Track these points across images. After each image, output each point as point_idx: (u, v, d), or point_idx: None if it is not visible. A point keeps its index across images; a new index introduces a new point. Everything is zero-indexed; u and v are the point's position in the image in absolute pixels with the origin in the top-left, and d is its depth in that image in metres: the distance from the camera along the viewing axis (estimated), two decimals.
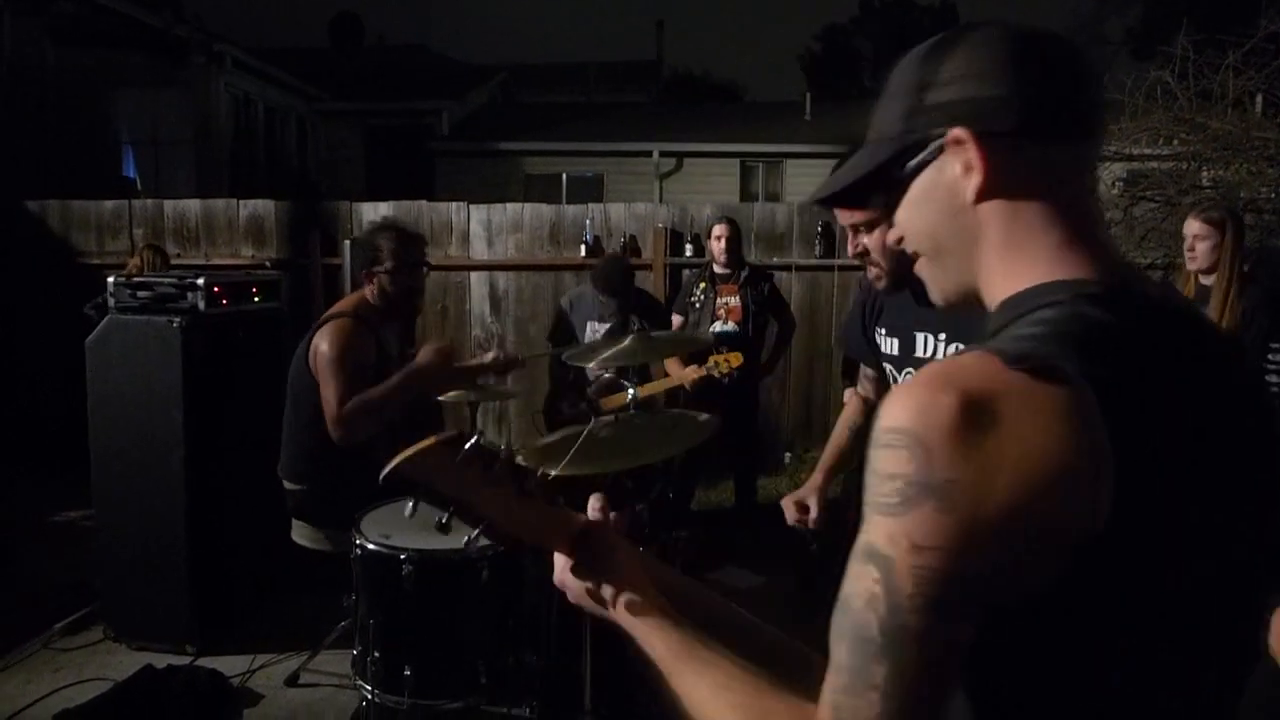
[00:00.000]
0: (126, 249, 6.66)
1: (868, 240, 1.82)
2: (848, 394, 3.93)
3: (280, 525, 3.16)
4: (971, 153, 0.79)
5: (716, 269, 4.95)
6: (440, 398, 3.36)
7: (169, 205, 6.89)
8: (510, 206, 6.86)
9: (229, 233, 6.84)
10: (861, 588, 0.67)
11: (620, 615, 0.93)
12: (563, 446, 1.72)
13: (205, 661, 3.35)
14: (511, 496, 0.90)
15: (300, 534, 3.11)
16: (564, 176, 14.15)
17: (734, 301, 4.84)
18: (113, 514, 3.52)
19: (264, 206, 6.85)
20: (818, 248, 6.63)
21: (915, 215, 0.85)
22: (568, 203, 7.26)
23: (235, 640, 3.50)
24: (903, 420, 0.67)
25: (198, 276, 3.51)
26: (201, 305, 3.46)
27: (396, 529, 2.54)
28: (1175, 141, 6.41)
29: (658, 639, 0.88)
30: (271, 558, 3.59)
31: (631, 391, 3.15)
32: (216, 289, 3.53)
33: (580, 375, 4.49)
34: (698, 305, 4.89)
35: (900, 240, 0.89)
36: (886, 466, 0.67)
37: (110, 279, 3.54)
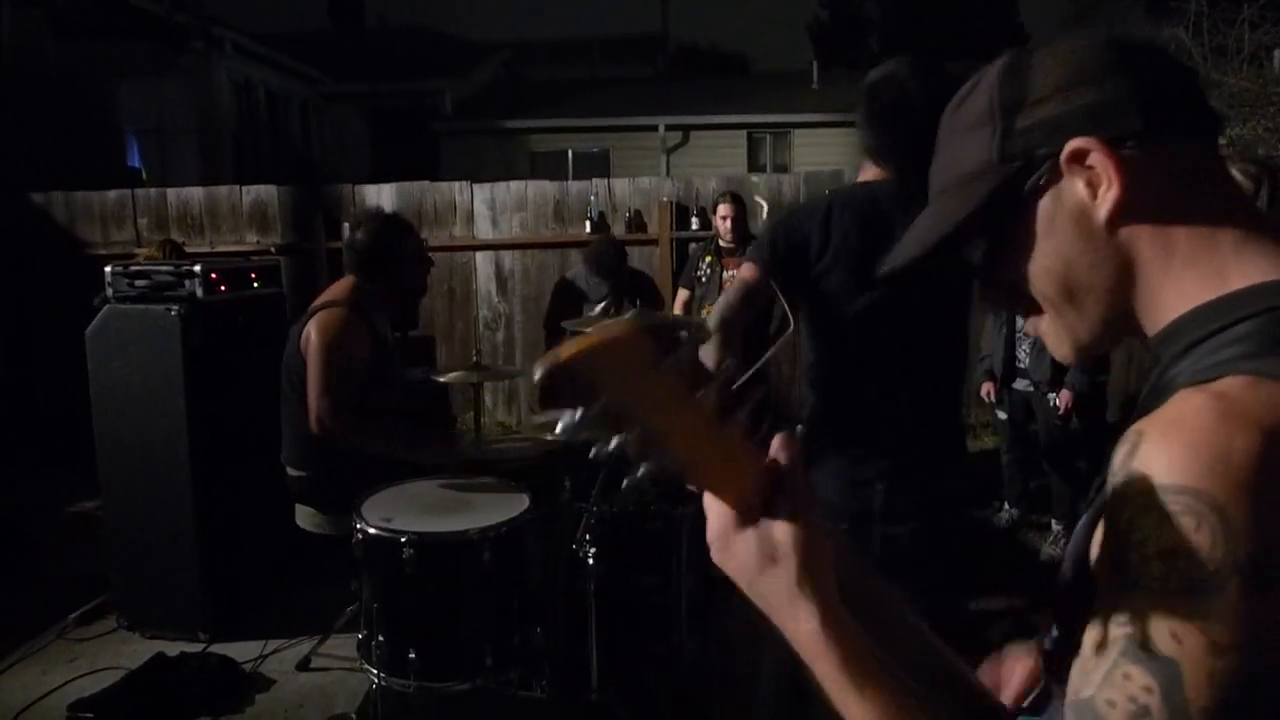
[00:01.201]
0: (132, 239, 6.67)
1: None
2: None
3: (288, 512, 3.16)
4: (1101, 162, 0.66)
5: (722, 243, 4.90)
6: (442, 378, 3.34)
7: (172, 194, 6.88)
8: (514, 184, 6.81)
9: (233, 219, 6.82)
10: (1122, 695, 0.53)
11: (797, 629, 0.69)
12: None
13: (217, 648, 3.36)
14: (710, 423, 0.63)
15: (304, 519, 3.10)
16: (569, 153, 14.07)
17: None
18: (121, 505, 3.52)
19: (267, 192, 6.83)
20: None
21: (1036, 255, 0.71)
22: (574, 179, 7.19)
23: (247, 627, 3.51)
24: (1182, 476, 0.52)
25: (195, 264, 3.49)
26: (200, 293, 3.44)
27: (398, 512, 2.52)
28: None
29: (831, 647, 0.67)
30: (281, 544, 3.59)
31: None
32: (214, 276, 3.50)
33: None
34: (704, 279, 4.85)
35: (1020, 288, 0.74)
36: (1164, 540, 0.52)
37: (107, 269, 3.52)
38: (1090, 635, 0.56)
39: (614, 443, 0.59)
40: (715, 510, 0.71)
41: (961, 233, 0.73)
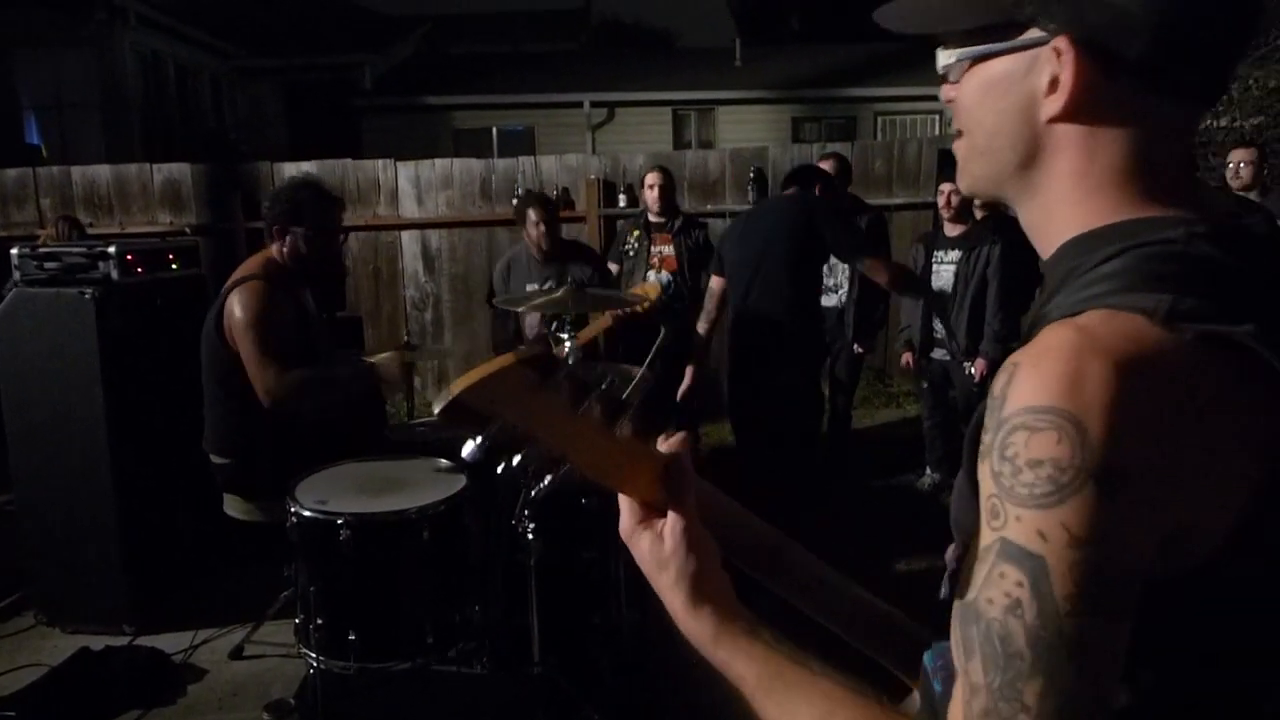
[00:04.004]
0: (34, 219, 6.37)
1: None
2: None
3: (214, 498, 3.09)
4: (1070, 71, 0.67)
5: (651, 218, 4.91)
6: (371, 359, 3.30)
7: (77, 172, 6.58)
8: (439, 162, 6.70)
9: (144, 199, 6.56)
10: (997, 591, 0.59)
11: (687, 620, 0.78)
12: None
13: (145, 641, 3.27)
14: (599, 431, 0.72)
15: (233, 507, 3.03)
16: (494, 130, 13.89)
17: (668, 250, 4.82)
18: (35, 496, 3.39)
19: (180, 170, 6.58)
20: (751, 194, 6.63)
21: (980, 100, 0.74)
22: (499, 157, 7.12)
23: (175, 617, 3.42)
24: (1045, 397, 0.58)
25: (109, 245, 3.35)
26: (115, 275, 3.31)
27: (332, 494, 2.49)
28: None
29: (741, 659, 0.75)
30: (207, 531, 3.51)
31: (569, 343, 3.11)
32: (130, 257, 3.38)
33: (519, 332, 4.43)
34: (631, 254, 4.86)
35: (951, 103, 0.78)
36: (1030, 452, 0.58)
37: (14, 250, 3.36)
38: (976, 544, 0.62)
39: (516, 459, 0.68)
40: (624, 507, 0.80)
41: (943, 37, 0.77)
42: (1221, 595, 0.61)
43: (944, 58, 0.78)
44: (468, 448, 2.19)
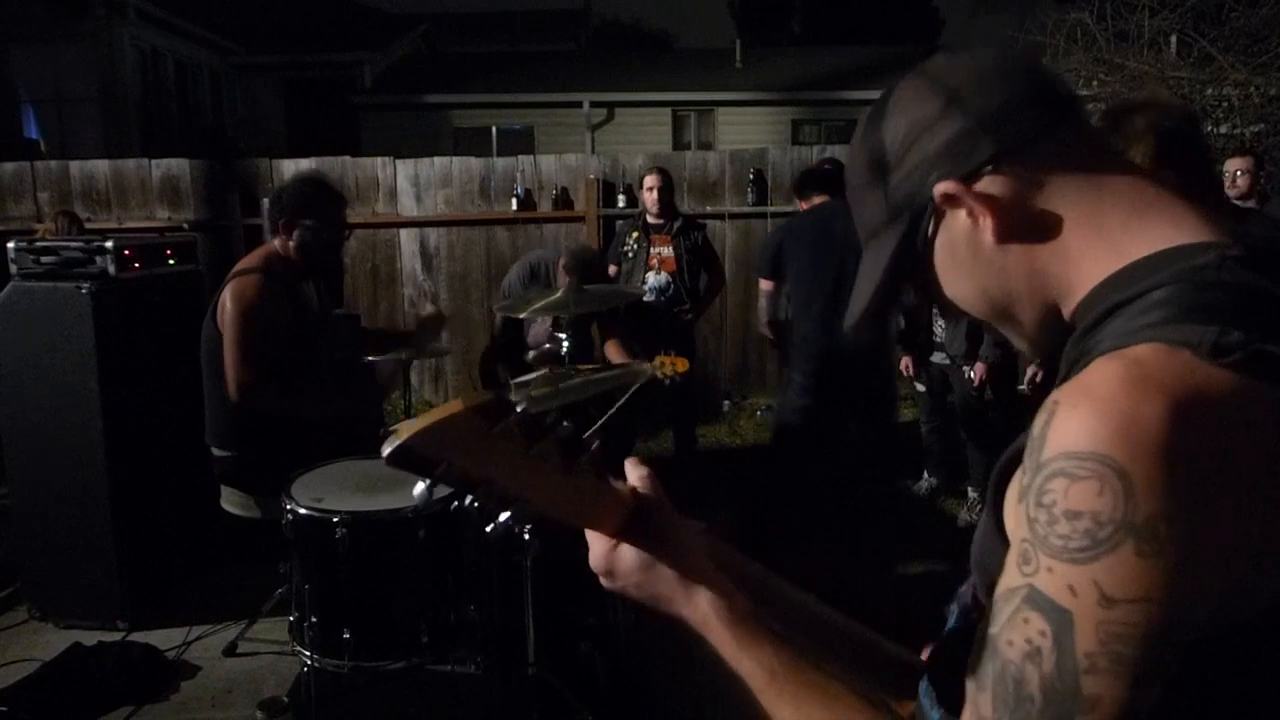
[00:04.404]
0: (31, 213, 6.35)
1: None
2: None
3: (210, 494, 3.08)
4: (966, 199, 0.71)
5: (650, 219, 4.91)
6: (371, 358, 3.29)
7: (75, 166, 6.56)
8: (439, 161, 6.69)
9: (142, 194, 6.54)
10: (1019, 636, 0.58)
11: (693, 610, 0.77)
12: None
13: (138, 637, 3.26)
14: (557, 473, 0.72)
15: (230, 501, 3.03)
16: (493, 129, 13.88)
17: (667, 252, 4.82)
18: (30, 491, 3.37)
19: (179, 166, 6.57)
20: (750, 196, 6.63)
21: (954, 287, 0.77)
22: (499, 156, 7.11)
23: (168, 614, 3.41)
24: (1088, 441, 0.55)
25: (107, 239, 3.34)
26: (112, 270, 3.30)
27: (329, 492, 2.49)
28: (1095, 82, 6.54)
29: (754, 651, 0.74)
30: (203, 528, 3.50)
31: (565, 345, 3.10)
32: (127, 252, 3.36)
33: (520, 337, 4.40)
34: (630, 255, 4.86)
35: (948, 316, 0.81)
36: (1068, 501, 0.55)
37: (11, 244, 3.35)
38: (1003, 582, 0.61)
39: (469, 499, 0.68)
40: (593, 540, 0.81)
41: (887, 290, 0.79)
42: (1272, 650, 0.58)
43: (908, 296, 0.81)
44: (417, 489, 2.26)
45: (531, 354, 4.06)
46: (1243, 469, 0.54)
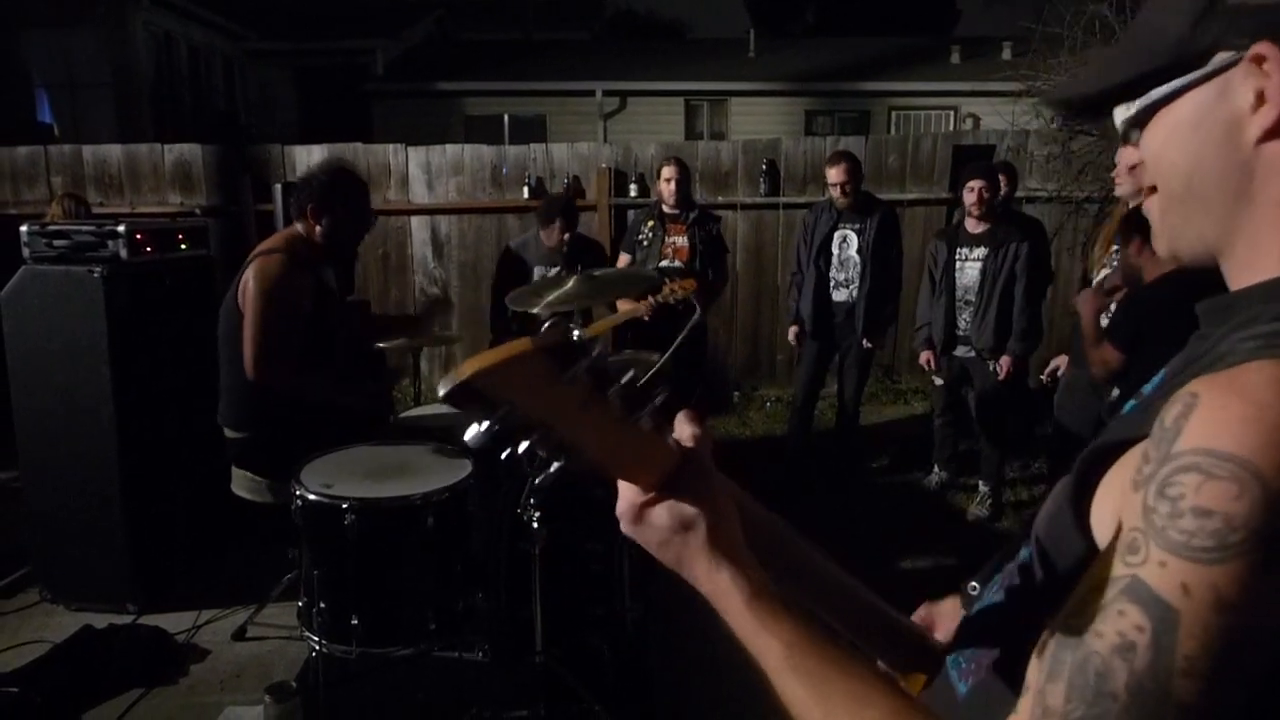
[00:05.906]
0: (45, 197, 6.36)
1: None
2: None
3: (220, 479, 3.08)
4: (1274, 78, 0.60)
5: (665, 209, 4.89)
6: (382, 344, 3.29)
7: (88, 150, 6.57)
8: (450, 148, 6.68)
9: (154, 179, 6.55)
10: (1110, 628, 0.55)
11: (714, 584, 0.71)
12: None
13: (148, 620, 3.28)
14: (615, 423, 0.67)
15: (240, 485, 3.03)
16: (505, 117, 13.83)
17: (682, 241, 4.79)
18: (42, 474, 3.39)
19: (191, 151, 6.57)
20: (762, 186, 6.60)
21: (1172, 144, 0.68)
22: (511, 144, 7.08)
23: (178, 597, 3.43)
24: (1231, 443, 0.52)
25: (118, 223, 3.34)
26: (124, 253, 3.31)
27: (338, 478, 2.49)
28: None
29: (773, 625, 0.69)
30: (213, 513, 3.51)
31: (577, 334, 3.08)
32: (139, 236, 3.36)
33: (523, 318, 4.40)
34: (645, 244, 4.83)
35: (1136, 169, 0.75)
36: (1199, 498, 0.52)
37: (23, 228, 3.36)
38: (1096, 569, 0.58)
39: (523, 446, 0.64)
40: (624, 487, 0.75)
41: (1122, 91, 0.70)
42: None
43: (1122, 113, 0.72)
44: (471, 432, 2.18)
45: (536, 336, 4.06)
46: None
